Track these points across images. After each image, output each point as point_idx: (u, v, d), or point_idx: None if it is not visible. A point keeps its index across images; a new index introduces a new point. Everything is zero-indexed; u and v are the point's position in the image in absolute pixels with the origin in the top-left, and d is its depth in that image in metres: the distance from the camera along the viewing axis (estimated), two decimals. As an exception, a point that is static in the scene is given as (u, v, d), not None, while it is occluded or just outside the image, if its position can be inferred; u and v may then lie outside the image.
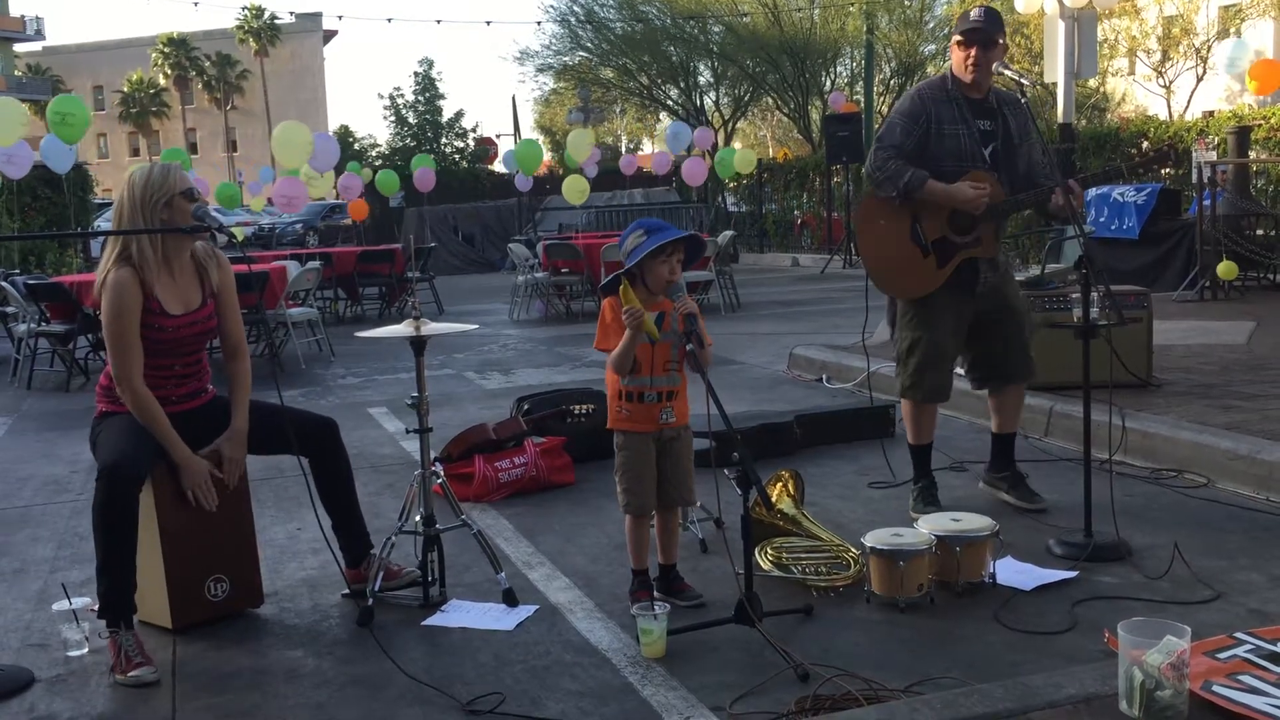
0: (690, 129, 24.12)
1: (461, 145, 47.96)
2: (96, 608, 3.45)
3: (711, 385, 3.26)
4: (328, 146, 16.28)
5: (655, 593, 3.65)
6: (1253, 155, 12.22)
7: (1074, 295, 4.43)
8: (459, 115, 50.73)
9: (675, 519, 3.73)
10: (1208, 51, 26.66)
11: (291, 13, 67.13)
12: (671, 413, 3.55)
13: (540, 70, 37.44)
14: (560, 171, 27.32)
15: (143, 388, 3.51)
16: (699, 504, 4.35)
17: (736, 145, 34.69)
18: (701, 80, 36.29)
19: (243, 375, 3.76)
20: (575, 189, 19.29)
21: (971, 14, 4.32)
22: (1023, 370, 4.52)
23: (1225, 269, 10.28)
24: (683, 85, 35.66)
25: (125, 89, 68.20)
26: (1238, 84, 14.79)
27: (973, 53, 4.23)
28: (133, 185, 3.56)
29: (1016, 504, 4.52)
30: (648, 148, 51.68)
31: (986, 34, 4.22)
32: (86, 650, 3.46)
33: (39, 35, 63.78)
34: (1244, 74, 12.93)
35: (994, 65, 4.21)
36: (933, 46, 33.05)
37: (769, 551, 3.87)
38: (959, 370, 4.62)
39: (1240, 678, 2.43)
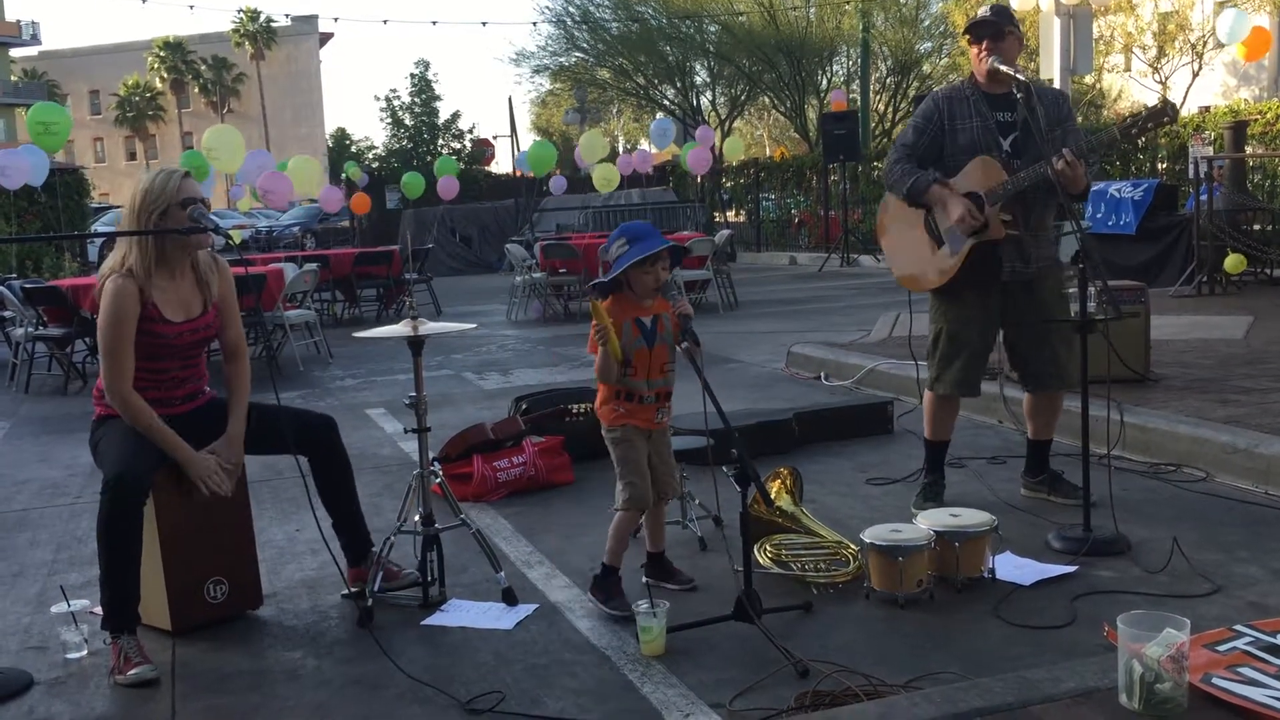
0: (672, 125, 24.30)
1: (458, 147, 47.93)
2: (96, 611, 3.45)
3: (708, 384, 3.26)
4: (262, 162, 16.83)
5: (648, 579, 3.69)
6: (1249, 150, 12.23)
7: (1071, 290, 4.43)
8: (455, 117, 50.72)
9: (664, 509, 3.80)
10: (1203, 47, 26.70)
11: (287, 15, 67.25)
12: (667, 412, 3.62)
13: (536, 71, 37.44)
14: (558, 171, 27.28)
15: (133, 395, 3.49)
16: (698, 501, 4.37)
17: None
18: (698, 80, 36.31)
19: (241, 378, 3.75)
20: (604, 177, 20.45)
21: (980, 11, 4.35)
22: (1047, 376, 4.39)
23: (1233, 263, 10.27)
24: (679, 85, 35.66)
25: (121, 93, 68.12)
26: (1234, 49, 14.74)
27: (982, 46, 4.26)
28: (135, 192, 3.54)
29: (1063, 502, 4.44)
30: (644, 148, 51.65)
31: (994, 26, 4.23)
32: (85, 653, 3.46)
33: (35, 40, 63.66)
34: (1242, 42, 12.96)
35: (992, 59, 4.19)
36: (928, 44, 33.11)
37: (768, 548, 3.87)
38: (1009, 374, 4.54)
39: (1240, 670, 2.43)
